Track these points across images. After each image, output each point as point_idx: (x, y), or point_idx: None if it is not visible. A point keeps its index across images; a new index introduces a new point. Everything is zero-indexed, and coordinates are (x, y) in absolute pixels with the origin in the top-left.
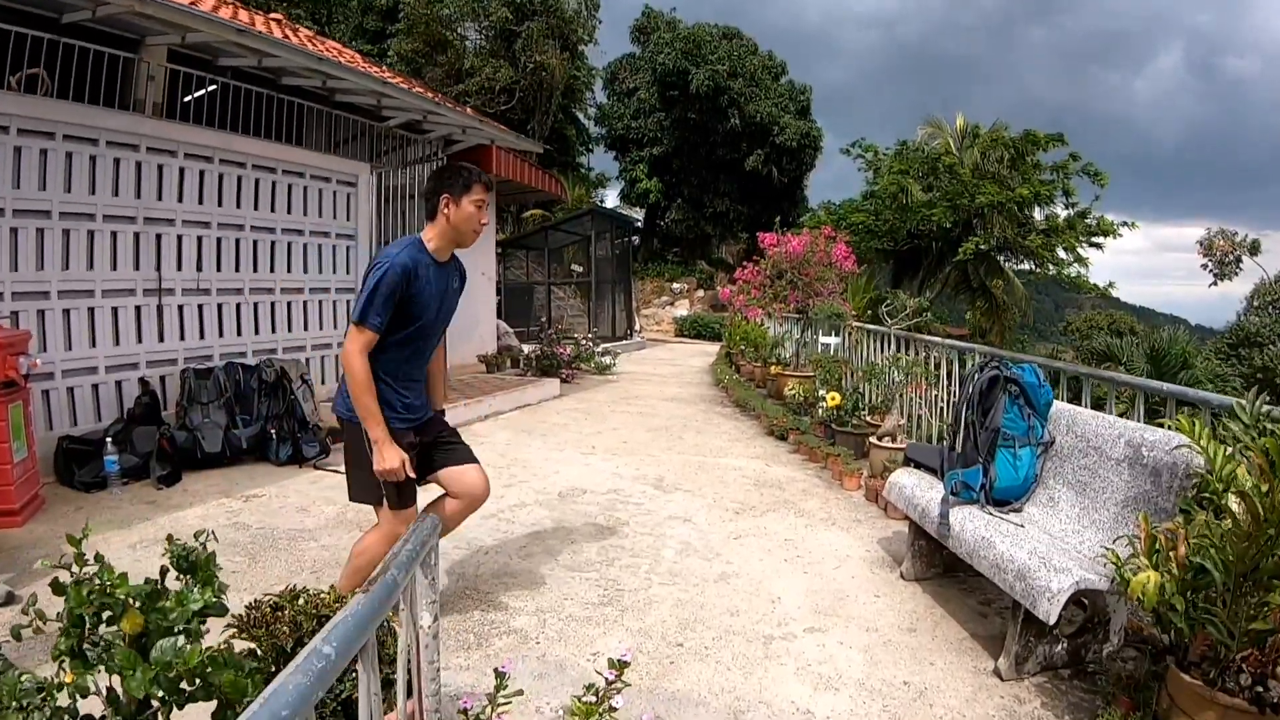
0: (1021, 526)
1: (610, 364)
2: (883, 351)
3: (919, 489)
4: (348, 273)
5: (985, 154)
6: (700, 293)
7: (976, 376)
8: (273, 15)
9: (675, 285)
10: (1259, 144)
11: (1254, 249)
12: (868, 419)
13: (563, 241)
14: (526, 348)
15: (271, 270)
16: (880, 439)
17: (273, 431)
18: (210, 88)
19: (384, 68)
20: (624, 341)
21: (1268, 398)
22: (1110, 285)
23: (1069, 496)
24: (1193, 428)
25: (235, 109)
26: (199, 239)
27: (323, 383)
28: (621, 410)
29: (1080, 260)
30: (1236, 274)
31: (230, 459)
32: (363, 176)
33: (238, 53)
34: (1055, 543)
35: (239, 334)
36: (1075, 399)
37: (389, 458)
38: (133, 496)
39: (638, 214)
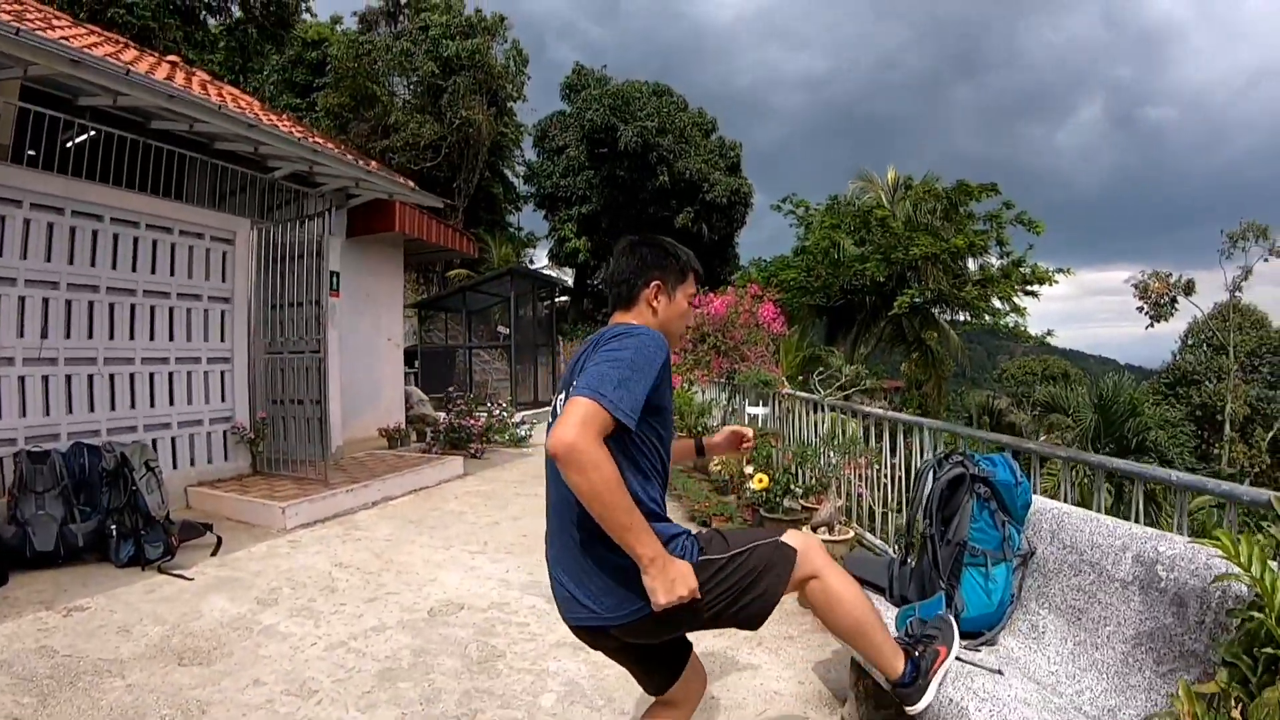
0: (1000, 673)
1: (526, 435)
2: (816, 419)
3: None
4: (221, 340)
5: (917, 206)
6: None
7: (934, 475)
8: (169, 58)
9: None
10: (1177, 188)
11: (1188, 289)
12: (801, 502)
13: (484, 303)
14: (444, 416)
15: (131, 337)
16: (815, 529)
17: (113, 527)
18: (88, 134)
19: (274, 113)
20: (548, 408)
21: None
22: (1049, 334)
23: (1058, 627)
24: (1235, 547)
25: (97, 155)
26: (45, 301)
27: (192, 464)
28: (528, 493)
29: (1017, 310)
30: (1172, 314)
31: (66, 558)
32: (241, 233)
33: (98, 93)
34: (1046, 698)
35: (91, 410)
36: (1028, 469)
37: (680, 575)
38: None
39: (567, 274)
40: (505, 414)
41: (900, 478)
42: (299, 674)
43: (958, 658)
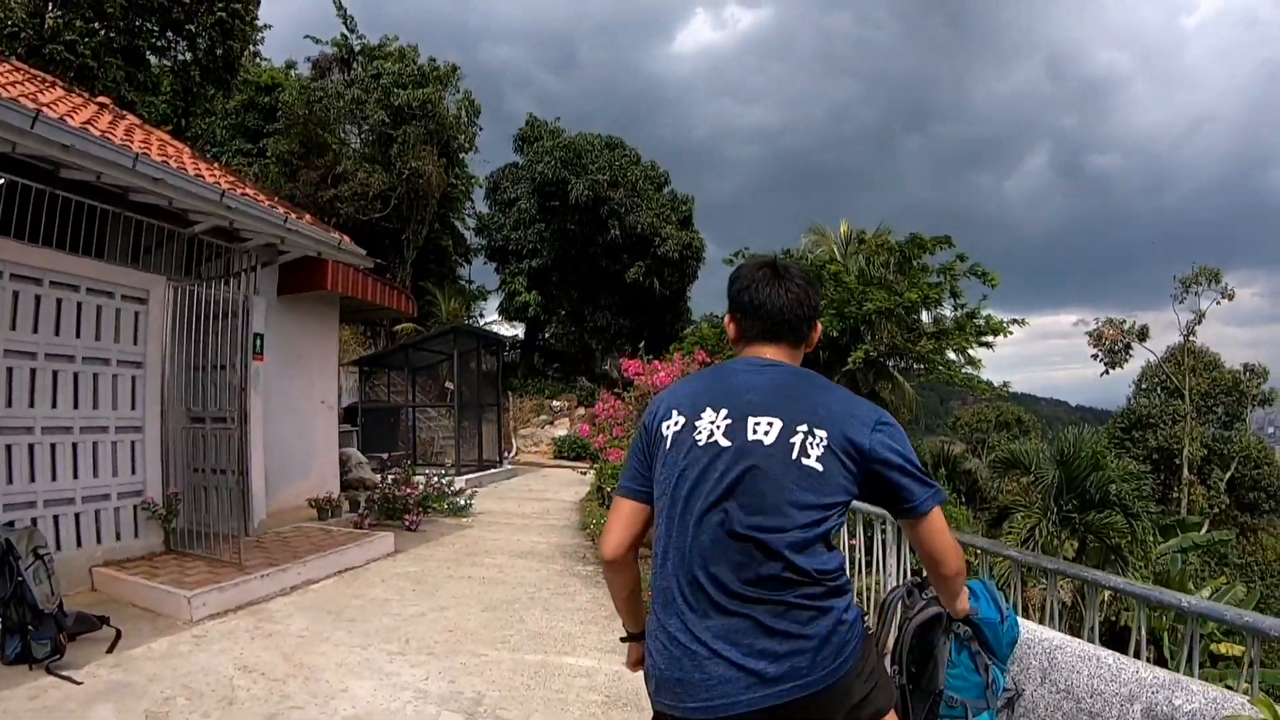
0: None
1: (466, 504)
2: None
3: None
4: (132, 408)
5: (870, 259)
6: (581, 410)
7: (906, 616)
8: (100, 99)
9: (555, 403)
10: (1122, 233)
11: (1142, 335)
12: None
13: (428, 360)
14: (380, 479)
15: (31, 405)
16: None
17: None
18: None
19: (205, 161)
20: (492, 470)
21: None
22: (1005, 385)
23: None
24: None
25: (3, 207)
26: None
27: (98, 542)
28: (462, 575)
29: (972, 361)
30: (1127, 360)
31: None
32: (156, 291)
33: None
34: None
35: None
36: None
37: None
38: None
39: (517, 328)
40: (444, 481)
41: (860, 562)
42: None
43: None
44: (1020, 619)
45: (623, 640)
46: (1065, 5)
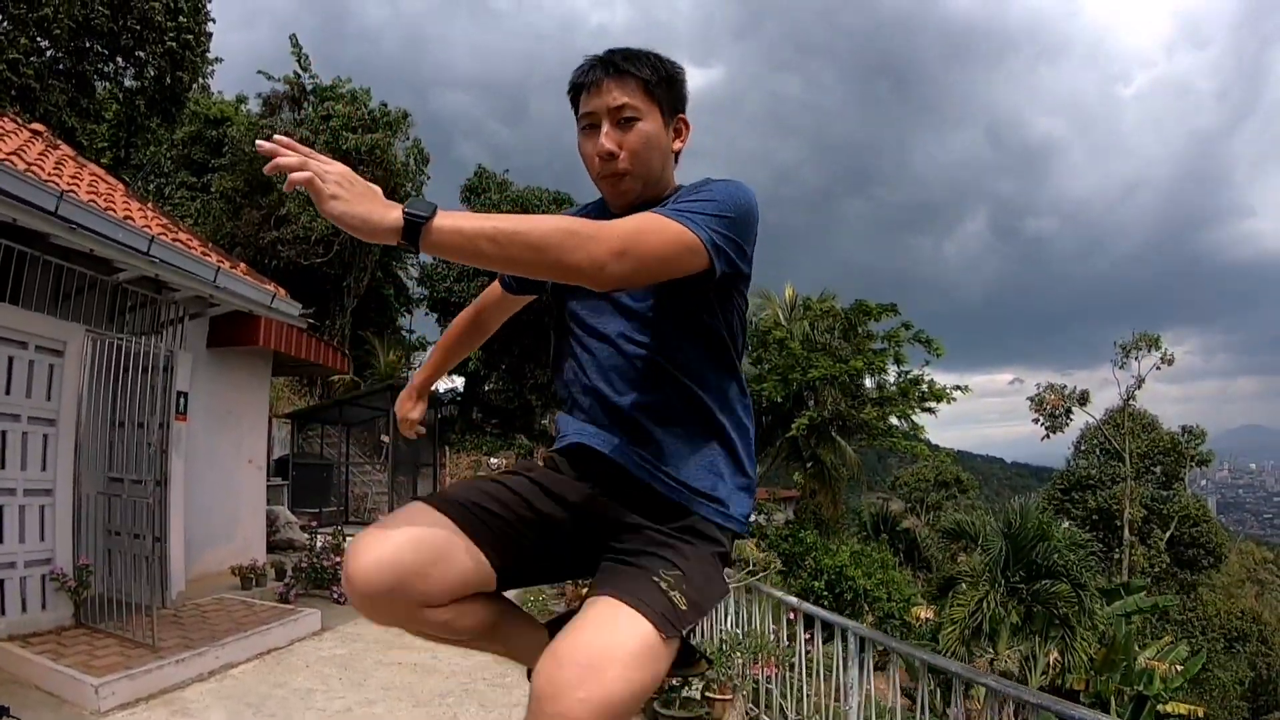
0: None
1: None
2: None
3: None
4: (43, 469)
5: (815, 325)
6: None
7: None
8: (33, 126)
9: (493, 460)
10: (1057, 293)
11: (1082, 400)
12: (702, 692)
13: (364, 416)
14: (308, 540)
15: None
16: None
17: None
18: None
19: (136, 199)
20: None
21: None
22: (949, 452)
23: None
24: None
25: None
26: None
27: (2, 613)
28: (392, 660)
29: (915, 427)
30: (1067, 425)
31: None
32: (74, 343)
33: None
34: None
35: None
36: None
37: None
38: None
39: (456, 381)
40: None
41: (819, 675)
42: None
43: None
44: None
45: None
46: (1006, 74)
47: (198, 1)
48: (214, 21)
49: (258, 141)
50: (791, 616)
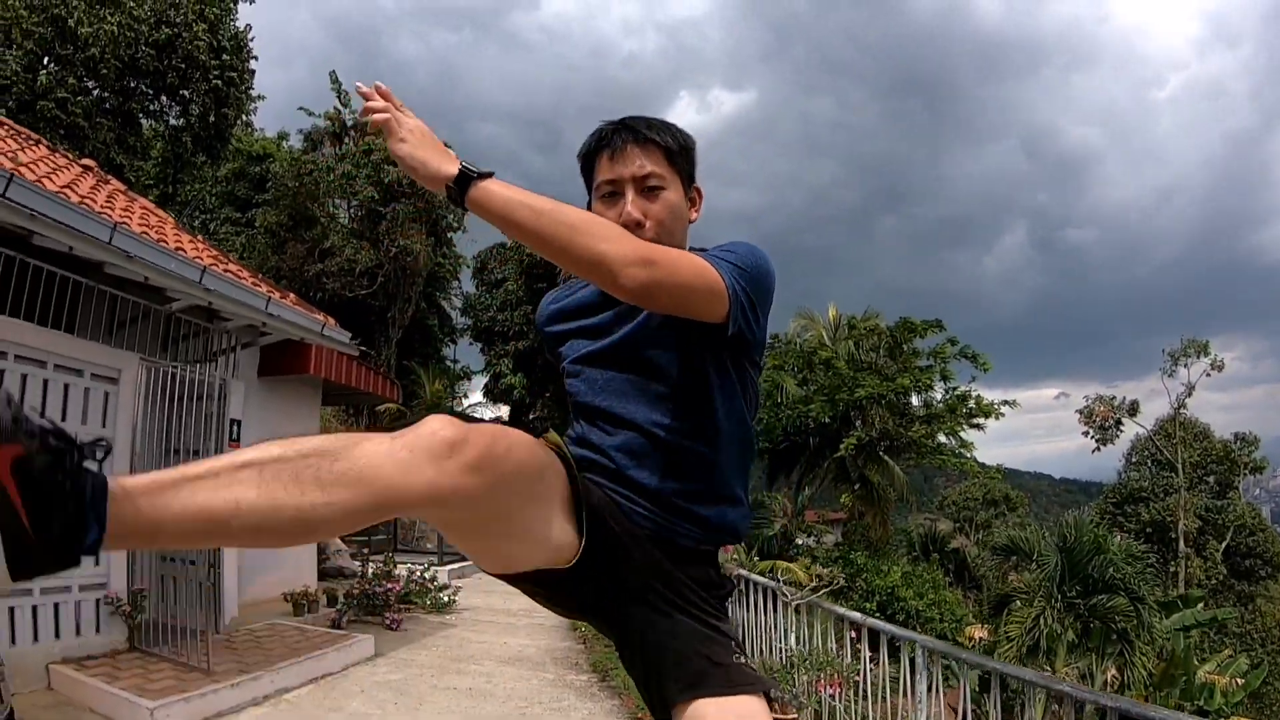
0: None
1: (450, 600)
2: (776, 612)
3: None
4: None
5: (860, 344)
6: None
7: None
8: (84, 161)
9: None
10: (1099, 303)
11: (1132, 410)
12: None
13: None
14: (359, 568)
15: None
16: None
17: None
18: None
19: (188, 233)
20: None
21: None
22: (998, 468)
23: None
24: None
25: None
26: None
27: (57, 637)
28: (447, 685)
29: (964, 444)
30: (1117, 436)
31: None
32: (128, 371)
33: None
34: None
35: None
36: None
37: None
38: None
39: (502, 410)
40: (428, 576)
41: (884, 694)
42: None
43: None
44: None
45: None
46: (1039, 85)
47: (240, 39)
48: (256, 59)
49: (356, 83)
50: (855, 635)
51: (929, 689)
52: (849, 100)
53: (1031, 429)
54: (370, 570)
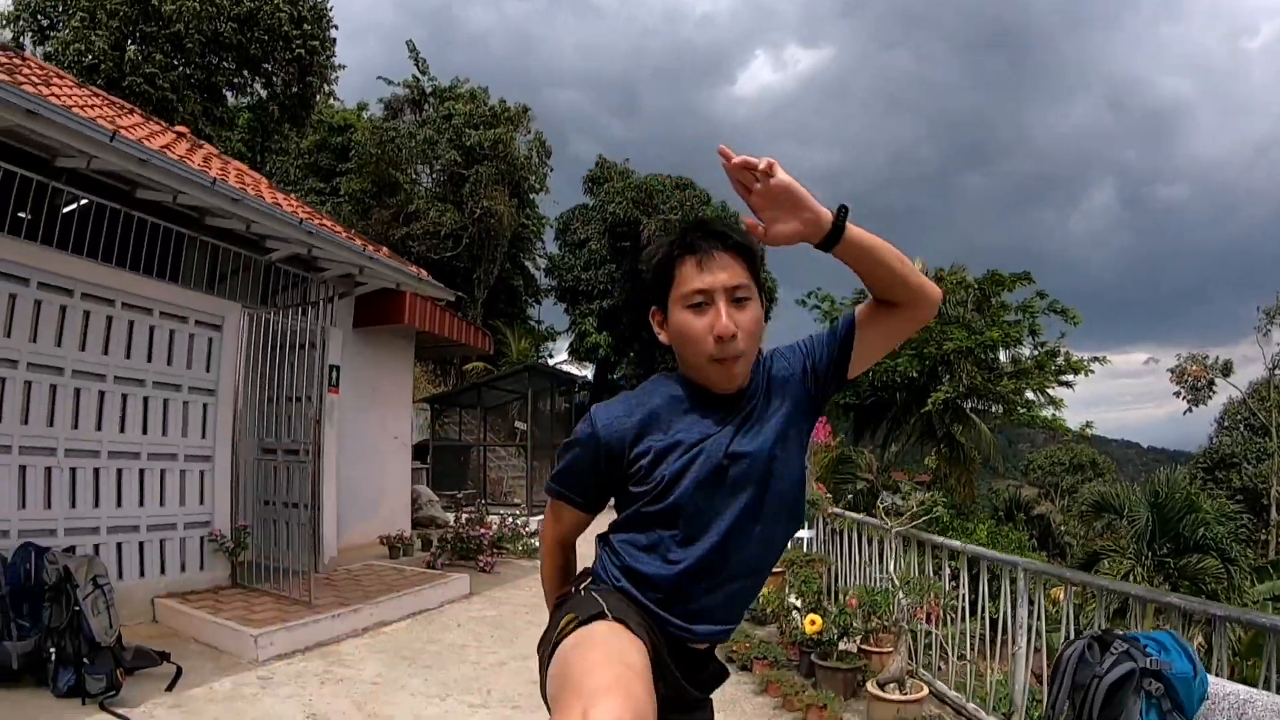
0: None
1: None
2: (871, 547)
3: None
4: (203, 436)
5: (947, 297)
6: None
7: (1093, 665)
8: (177, 128)
9: None
10: (1191, 264)
11: (1226, 370)
12: (860, 645)
13: (500, 399)
14: (453, 519)
15: (98, 428)
16: (883, 686)
17: (52, 650)
18: (79, 203)
19: (282, 194)
20: None
21: None
22: (1088, 425)
23: None
24: None
25: (72, 224)
26: (0, 381)
27: (162, 572)
28: (541, 620)
29: (1054, 402)
30: (1210, 397)
31: None
32: (231, 318)
33: (72, 154)
34: None
35: (48, 506)
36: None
37: None
38: None
39: (587, 369)
40: (518, 522)
41: (983, 622)
42: None
43: None
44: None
45: None
46: (1124, 36)
47: (320, 9)
48: (336, 28)
49: (720, 146)
50: (953, 565)
51: (1029, 612)
52: (928, 54)
53: (1119, 395)
54: (464, 517)
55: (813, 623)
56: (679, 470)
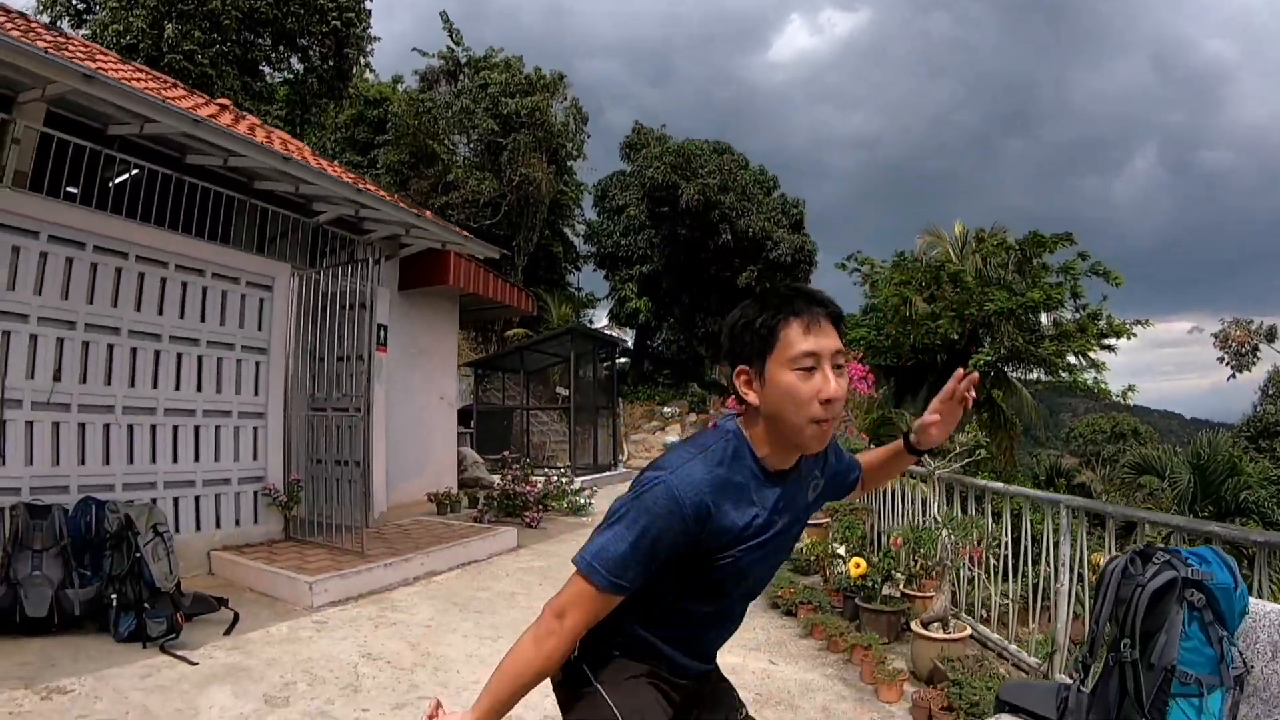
0: None
1: (586, 503)
2: (914, 494)
3: None
4: (255, 393)
5: (988, 259)
6: (692, 416)
7: (1136, 576)
8: (219, 100)
9: (666, 409)
10: (1237, 231)
11: (1270, 336)
12: (904, 589)
13: (542, 363)
14: (499, 480)
15: (154, 386)
16: (926, 625)
17: (113, 597)
18: (131, 173)
19: (325, 160)
20: (608, 472)
21: None
22: (1130, 388)
23: None
24: None
25: (125, 190)
26: (59, 341)
27: (217, 526)
28: None
29: (1096, 365)
30: (1254, 363)
31: (60, 627)
32: (281, 279)
33: (126, 120)
34: None
35: (106, 462)
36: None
37: None
38: None
39: (627, 335)
40: (563, 479)
41: (1025, 564)
42: None
43: None
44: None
45: None
46: None
47: None
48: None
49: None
50: (995, 500)
51: (1072, 548)
52: (967, 16)
53: (1161, 364)
54: (510, 477)
55: (857, 566)
56: (743, 557)
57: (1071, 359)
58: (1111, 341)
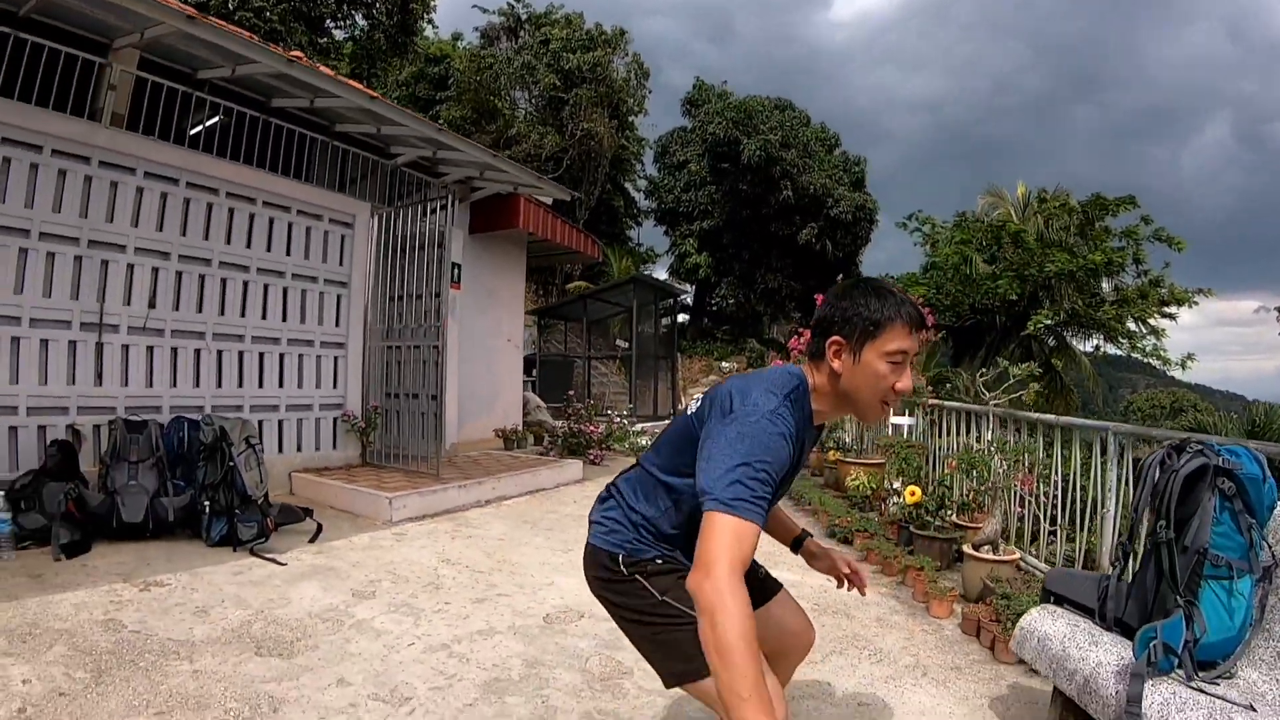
0: (1252, 709)
1: (646, 445)
2: (970, 433)
3: (1073, 644)
4: (336, 325)
5: (1050, 221)
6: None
7: (1171, 466)
8: (293, 53)
9: (724, 364)
10: None
11: None
12: (954, 519)
13: (604, 313)
14: (560, 424)
15: (242, 315)
16: (977, 547)
17: (206, 504)
18: (216, 118)
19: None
20: (666, 421)
21: None
22: (1189, 356)
23: None
24: None
25: (215, 132)
26: (154, 271)
27: (299, 449)
28: None
29: (1156, 333)
30: None
31: (154, 532)
32: (361, 217)
33: (217, 64)
34: None
35: (196, 385)
36: None
37: None
38: (21, 566)
39: (687, 289)
40: (625, 421)
41: (1074, 494)
42: (391, 677)
43: (1201, 690)
44: None
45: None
46: None
47: None
48: None
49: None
50: (1046, 433)
51: (1118, 476)
52: None
53: (1226, 344)
54: (573, 415)
55: (912, 493)
56: (781, 485)
57: (1131, 325)
58: (1172, 310)
